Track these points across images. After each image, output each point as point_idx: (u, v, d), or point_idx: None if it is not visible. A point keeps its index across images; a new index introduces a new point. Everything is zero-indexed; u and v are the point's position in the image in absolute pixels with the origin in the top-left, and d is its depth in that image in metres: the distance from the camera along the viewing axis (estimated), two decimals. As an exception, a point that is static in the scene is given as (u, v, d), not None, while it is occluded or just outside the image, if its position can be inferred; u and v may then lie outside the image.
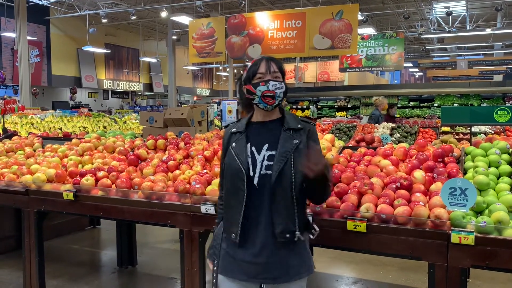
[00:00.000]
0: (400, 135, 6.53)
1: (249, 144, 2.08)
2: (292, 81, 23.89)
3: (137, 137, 4.44)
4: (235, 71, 27.51)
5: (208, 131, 4.85)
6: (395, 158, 3.01)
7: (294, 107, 15.64)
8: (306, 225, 2.09)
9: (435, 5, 17.52)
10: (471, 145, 3.30)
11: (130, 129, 10.29)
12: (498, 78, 24.90)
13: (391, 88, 16.04)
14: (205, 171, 3.24)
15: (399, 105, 13.94)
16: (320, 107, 15.65)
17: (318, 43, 10.51)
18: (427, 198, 2.55)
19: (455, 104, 13.15)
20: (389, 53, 15.55)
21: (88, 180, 3.36)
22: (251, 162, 2.04)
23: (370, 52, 15.85)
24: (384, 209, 2.45)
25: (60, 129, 9.35)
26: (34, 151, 4.38)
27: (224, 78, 36.38)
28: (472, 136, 6.50)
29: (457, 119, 4.27)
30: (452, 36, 19.41)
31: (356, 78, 23.36)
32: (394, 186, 2.65)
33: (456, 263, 2.27)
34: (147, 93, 30.36)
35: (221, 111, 12.89)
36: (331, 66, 23.61)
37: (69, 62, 23.57)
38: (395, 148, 3.15)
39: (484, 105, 12.30)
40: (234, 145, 2.10)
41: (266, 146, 2.05)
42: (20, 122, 10.05)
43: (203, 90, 36.08)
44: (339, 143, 3.59)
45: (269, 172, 1.99)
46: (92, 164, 3.80)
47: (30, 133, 6.82)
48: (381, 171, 2.91)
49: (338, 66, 17.09)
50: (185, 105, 25.61)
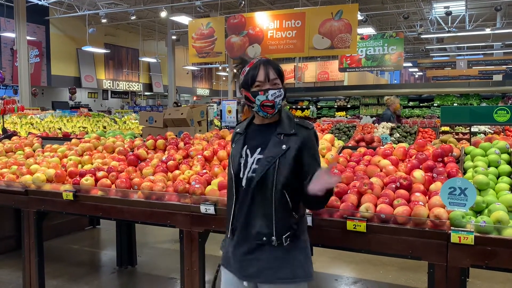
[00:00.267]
0: (400, 135, 6.54)
1: (245, 146, 2.10)
2: (291, 81, 23.89)
3: (136, 137, 4.44)
4: (234, 70, 27.49)
5: (207, 131, 4.85)
6: (394, 158, 3.01)
7: (294, 107, 15.64)
8: (293, 233, 2.03)
9: (435, 5, 17.52)
10: (470, 144, 3.30)
11: (130, 129, 10.29)
12: (498, 78, 24.91)
13: (391, 88, 16.04)
14: (204, 171, 3.24)
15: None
16: (319, 107, 15.65)
17: (318, 43, 10.52)
18: (427, 198, 2.55)
19: (454, 104, 13.16)
20: (388, 53, 15.56)
21: (87, 180, 3.36)
22: (243, 164, 2.06)
23: (369, 52, 15.85)
24: (384, 209, 2.46)
25: (60, 129, 9.34)
26: (34, 151, 4.38)
27: (224, 78, 36.38)
28: (471, 135, 6.51)
29: (456, 119, 4.27)
30: (452, 36, 19.43)
31: (355, 78, 23.36)
32: (394, 186, 2.65)
33: (455, 262, 2.27)
34: (146, 93, 30.36)
35: (220, 111, 12.89)
36: (330, 66, 23.62)
37: (68, 62, 23.56)
38: (394, 148, 3.15)
39: (484, 105, 12.31)
40: (234, 146, 2.15)
41: (259, 149, 2.06)
42: (20, 122, 10.04)
43: (202, 90, 36.08)
44: (338, 143, 3.59)
45: (254, 175, 2.01)
46: (92, 164, 3.80)
47: (29, 133, 6.82)
48: (381, 171, 2.91)
49: (338, 66, 17.10)
50: (184, 105, 25.63)
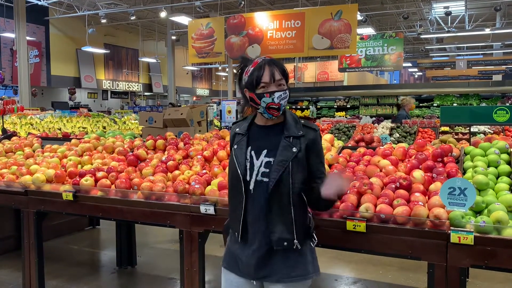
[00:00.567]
0: (400, 135, 6.54)
1: (249, 148, 2.05)
2: (291, 81, 23.89)
3: (136, 138, 4.44)
4: (234, 71, 27.52)
5: (207, 131, 4.85)
6: (394, 158, 3.01)
7: (294, 107, 15.64)
8: (306, 233, 2.07)
9: (434, 5, 17.53)
10: (470, 145, 3.30)
11: (130, 130, 10.28)
12: (497, 78, 24.94)
13: (391, 88, 16.05)
14: (204, 171, 3.24)
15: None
16: (319, 107, 15.65)
17: (317, 43, 10.52)
18: (427, 198, 2.55)
19: (454, 104, 13.16)
20: (388, 53, 15.56)
21: (87, 181, 3.36)
22: (249, 167, 2.02)
23: (369, 52, 15.85)
24: (384, 209, 2.46)
25: (60, 129, 9.34)
26: (34, 151, 4.38)
27: (224, 79, 36.39)
28: (471, 136, 6.51)
29: (456, 119, 4.27)
30: (451, 36, 19.43)
31: (355, 78, 23.37)
32: (394, 186, 2.65)
33: (455, 262, 2.27)
34: (146, 93, 30.36)
35: (220, 111, 12.90)
36: (330, 66, 23.63)
37: (68, 63, 23.56)
38: (394, 148, 3.16)
39: (483, 105, 12.31)
40: (235, 147, 2.09)
41: (265, 152, 2.01)
42: (20, 122, 10.04)
43: (202, 90, 36.08)
44: (338, 143, 3.59)
45: (265, 180, 1.97)
46: (92, 164, 3.80)
47: (29, 133, 6.81)
48: (381, 171, 2.91)
49: (338, 66, 17.10)
50: (184, 105, 25.62)
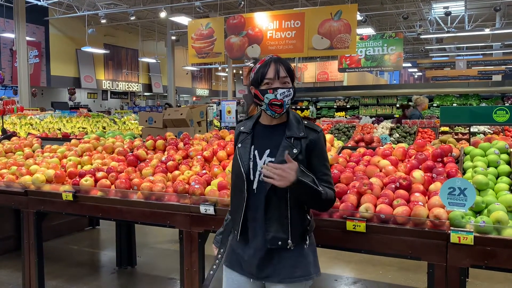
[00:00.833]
0: (399, 135, 6.54)
1: (253, 147, 2.06)
2: (291, 81, 23.85)
3: (136, 138, 4.44)
4: (234, 71, 27.49)
5: (207, 132, 4.85)
6: (394, 158, 3.01)
7: (293, 107, 15.64)
8: (304, 234, 2.05)
9: (434, 5, 17.54)
10: (470, 145, 3.30)
11: (129, 130, 10.29)
12: (497, 78, 24.94)
13: (390, 88, 16.06)
14: (204, 171, 3.24)
15: (398, 105, 13.95)
16: (319, 107, 15.66)
17: (317, 43, 10.52)
18: (426, 198, 2.55)
19: (454, 104, 13.17)
20: (388, 53, 15.57)
21: (87, 181, 3.36)
22: (252, 166, 2.03)
23: (369, 52, 15.86)
24: (383, 209, 2.46)
25: (59, 129, 9.34)
26: (33, 151, 4.38)
27: (224, 79, 36.39)
28: (471, 136, 6.51)
29: (456, 119, 4.28)
30: (451, 36, 19.44)
31: (355, 78, 23.37)
32: (393, 186, 2.65)
33: (455, 262, 2.27)
34: (146, 93, 30.36)
35: (220, 111, 12.90)
36: (330, 66, 23.62)
37: (68, 63, 23.56)
38: (394, 148, 3.16)
39: (483, 105, 12.32)
40: (239, 145, 2.10)
41: (267, 151, 2.02)
42: (19, 122, 10.04)
43: (202, 91, 36.08)
44: (338, 143, 3.59)
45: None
46: (91, 164, 3.80)
47: (29, 133, 6.81)
48: (380, 171, 2.91)
49: (337, 66, 17.11)
50: (184, 105, 25.59)
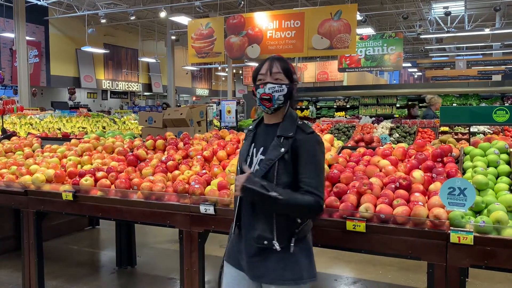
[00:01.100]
0: (399, 135, 6.54)
1: (253, 145, 2.10)
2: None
3: (136, 138, 4.44)
4: (234, 71, 27.49)
5: (207, 131, 4.85)
6: (394, 158, 3.01)
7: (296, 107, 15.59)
8: (292, 236, 1.99)
9: (434, 5, 17.54)
10: (470, 145, 3.30)
11: (129, 129, 10.28)
12: (497, 78, 24.92)
13: (390, 88, 16.05)
14: (204, 171, 3.24)
15: (397, 105, 13.95)
16: (319, 107, 15.65)
17: (317, 43, 10.51)
18: (426, 198, 2.55)
19: (454, 104, 13.17)
20: (388, 53, 15.56)
21: (87, 181, 3.36)
22: (248, 163, 2.06)
23: (369, 52, 15.85)
24: (383, 209, 2.46)
25: (59, 129, 9.34)
26: (33, 151, 4.38)
27: (223, 79, 36.37)
28: (471, 136, 6.51)
29: (456, 119, 4.27)
30: (451, 36, 19.45)
31: (355, 78, 23.37)
32: (393, 186, 2.65)
33: (455, 262, 2.27)
34: (146, 93, 30.35)
35: (220, 111, 12.91)
36: (330, 66, 23.62)
37: (68, 63, 23.55)
38: (394, 148, 3.16)
39: (483, 105, 12.32)
40: (244, 142, 2.17)
41: (261, 149, 2.05)
42: (19, 122, 10.04)
43: (202, 90, 36.08)
44: (338, 143, 3.60)
45: None
46: (91, 164, 3.80)
47: (29, 133, 6.82)
48: (380, 171, 2.91)
49: (337, 66, 17.10)
50: (184, 105, 25.57)
